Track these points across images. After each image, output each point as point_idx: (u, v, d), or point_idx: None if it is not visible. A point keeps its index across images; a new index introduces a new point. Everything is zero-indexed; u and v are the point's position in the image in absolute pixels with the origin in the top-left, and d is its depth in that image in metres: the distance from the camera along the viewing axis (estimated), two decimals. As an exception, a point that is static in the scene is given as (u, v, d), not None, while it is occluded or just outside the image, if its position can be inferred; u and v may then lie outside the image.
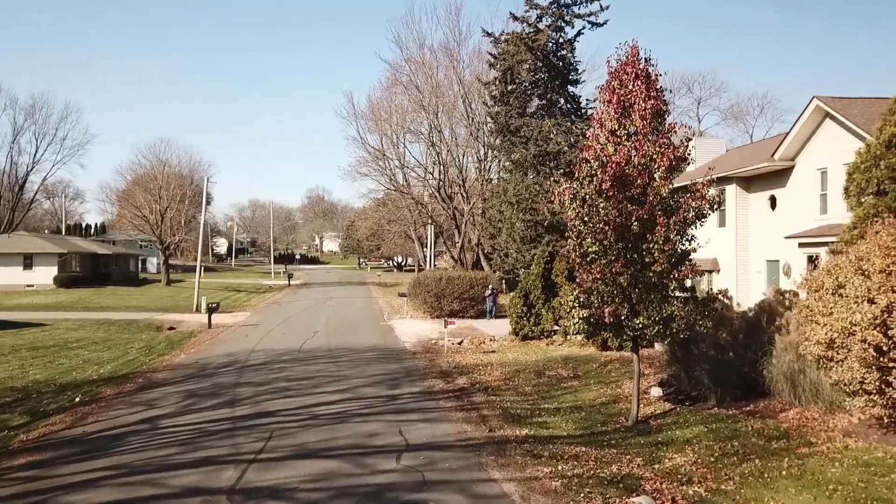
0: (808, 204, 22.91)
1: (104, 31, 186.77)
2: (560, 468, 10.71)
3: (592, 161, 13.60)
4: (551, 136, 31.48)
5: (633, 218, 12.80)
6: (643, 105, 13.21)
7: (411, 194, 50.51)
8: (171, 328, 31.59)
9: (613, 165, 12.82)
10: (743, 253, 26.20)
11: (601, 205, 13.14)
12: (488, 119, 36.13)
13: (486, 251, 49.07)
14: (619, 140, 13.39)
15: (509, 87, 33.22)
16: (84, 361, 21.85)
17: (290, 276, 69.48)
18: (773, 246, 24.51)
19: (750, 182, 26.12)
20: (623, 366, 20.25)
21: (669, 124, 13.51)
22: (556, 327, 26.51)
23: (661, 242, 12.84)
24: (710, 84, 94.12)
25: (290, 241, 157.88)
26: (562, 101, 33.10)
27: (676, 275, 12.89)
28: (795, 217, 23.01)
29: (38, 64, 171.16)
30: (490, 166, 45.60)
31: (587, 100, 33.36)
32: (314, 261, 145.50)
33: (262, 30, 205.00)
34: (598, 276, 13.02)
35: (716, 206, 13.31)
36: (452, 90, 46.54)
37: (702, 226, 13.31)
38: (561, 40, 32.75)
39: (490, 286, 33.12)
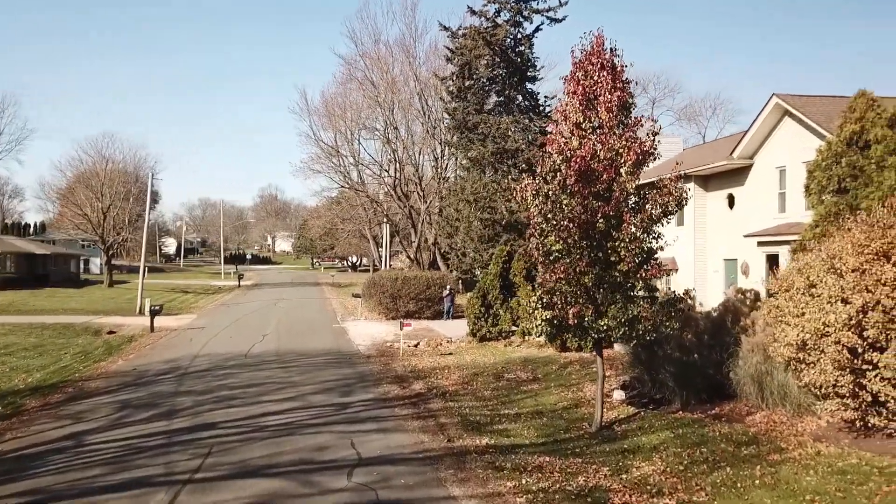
0: (766, 202, 22.83)
1: (53, 31, 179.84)
2: (524, 482, 10.00)
3: (556, 155, 12.96)
4: (509, 133, 30.91)
5: (599, 215, 12.19)
6: (609, 97, 12.63)
7: (366, 192, 49.33)
8: (110, 332, 29.90)
9: (578, 160, 12.19)
10: (701, 252, 26.07)
11: (565, 201, 12.50)
12: (445, 116, 35.38)
13: (443, 251, 48.34)
14: (584, 133, 12.77)
15: (467, 83, 32.53)
16: (11, 369, 20.26)
17: (240, 277, 67.49)
18: (731, 245, 24.41)
19: (708, 181, 26.00)
20: (583, 367, 19.74)
21: (636, 117, 12.97)
22: (514, 328, 25.93)
23: (627, 240, 12.28)
24: (665, 85, 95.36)
25: (242, 240, 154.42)
26: (520, 97, 32.59)
27: (643, 274, 12.33)
28: (754, 216, 22.90)
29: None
30: (447, 164, 44.90)
31: (545, 97, 33.01)
32: (266, 261, 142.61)
33: (212, 25, 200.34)
34: (561, 276, 12.38)
35: (683, 203, 12.81)
36: (408, 87, 45.77)
37: (668, 223, 12.80)
38: (519, 36, 32.22)
39: (448, 286, 32.37)
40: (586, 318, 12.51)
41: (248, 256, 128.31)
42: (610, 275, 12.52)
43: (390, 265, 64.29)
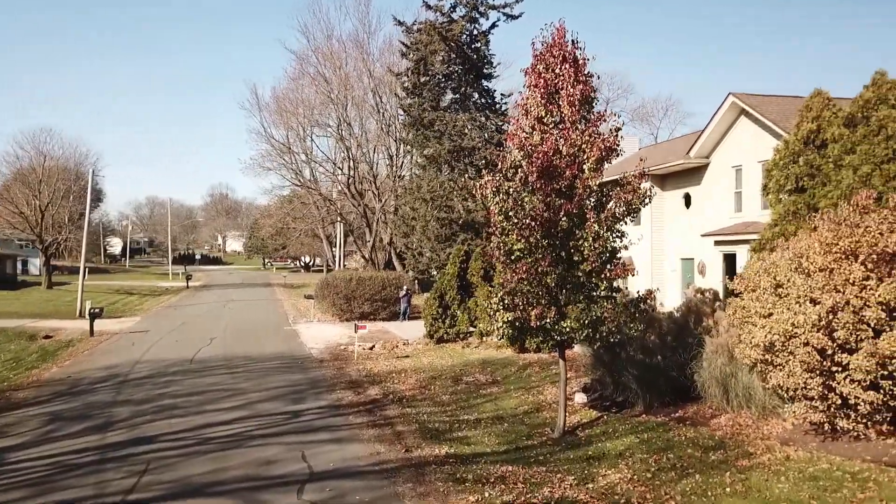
0: (723, 202, 22.84)
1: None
2: (487, 495, 9.43)
3: (517, 151, 12.46)
4: (466, 130, 30.36)
5: (562, 213, 11.72)
6: (572, 90, 12.17)
7: (319, 191, 48.00)
8: (46, 336, 28.24)
9: (540, 156, 11.71)
10: (658, 251, 26.01)
11: (527, 199, 12.01)
12: (400, 112, 34.61)
13: (398, 250, 47.60)
14: (546, 128, 12.29)
15: (422, 79, 31.85)
16: (-69, 379, 18.79)
17: (188, 278, 65.36)
18: (688, 244, 24.38)
19: (664, 180, 25.95)
20: (543, 369, 19.34)
21: (598, 113, 12.53)
22: (472, 329, 25.43)
23: (591, 239, 11.84)
24: (619, 85, 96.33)
25: (192, 240, 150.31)
26: (476, 95, 32.09)
27: (608, 274, 11.91)
28: (710, 215, 22.88)
29: None
30: (402, 162, 44.09)
31: (502, 94, 32.56)
32: (217, 261, 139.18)
33: (161, 22, 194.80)
34: (523, 276, 11.86)
35: (647, 201, 12.45)
36: (362, 83, 44.83)
37: (632, 221, 12.41)
38: (475, 32, 31.73)
39: (404, 287, 31.67)
40: (549, 320, 12.03)
41: (198, 257, 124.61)
42: (573, 275, 12.08)
43: (344, 265, 63.18)
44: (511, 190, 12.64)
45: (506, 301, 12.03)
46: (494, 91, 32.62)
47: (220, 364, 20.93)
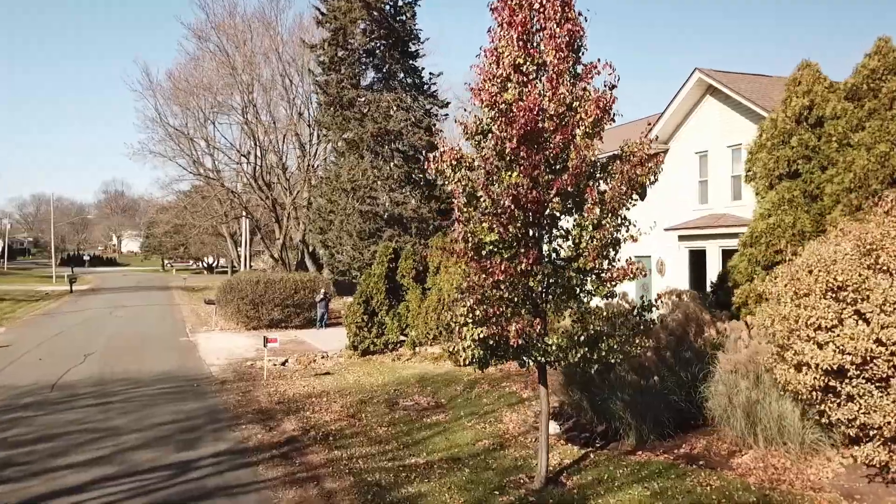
0: (685, 192, 20.59)
1: None
2: None
3: (487, 110, 9.32)
4: (391, 112, 26.98)
5: (553, 192, 8.66)
6: (558, 30, 9.18)
7: (222, 182, 42.82)
8: None
9: (524, 115, 8.60)
10: (609, 248, 23.55)
11: (505, 175, 8.89)
12: (315, 90, 30.67)
13: (311, 249, 43.55)
14: (525, 79, 9.21)
15: (340, 53, 28.16)
16: None
17: (72, 281, 58.34)
18: (644, 240, 21.97)
19: (613, 169, 23.54)
20: (493, 387, 16.33)
21: (587, 64, 9.55)
22: (402, 338, 22.16)
23: (591, 227, 8.86)
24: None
25: (83, 240, 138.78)
26: (402, 74, 28.71)
27: (610, 274, 8.97)
28: (670, 207, 20.53)
29: None
30: (316, 151, 40.10)
31: (431, 73, 29.34)
32: (111, 262, 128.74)
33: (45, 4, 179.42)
34: (500, 279, 8.72)
35: (655, 177, 9.62)
36: (270, 65, 40.52)
37: (635, 205, 9.52)
38: (400, 3, 28.38)
39: (321, 290, 27.92)
40: (533, 336, 8.97)
41: (87, 258, 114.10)
42: (563, 276, 9.06)
43: (251, 266, 58.28)
44: (479, 163, 9.54)
45: (477, 312, 8.83)
46: (422, 70, 29.41)
47: (90, 391, 16.64)
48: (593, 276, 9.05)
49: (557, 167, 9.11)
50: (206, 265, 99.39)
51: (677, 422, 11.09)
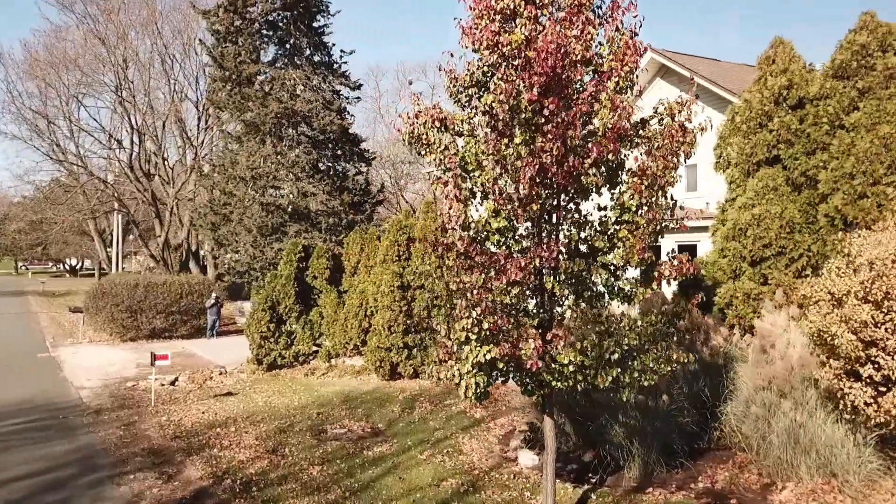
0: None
1: None
2: None
3: (486, 53, 7.00)
4: (298, 91, 23.86)
5: (592, 159, 6.47)
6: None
7: (90, 170, 36.84)
8: None
9: (545, 55, 6.35)
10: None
11: (518, 139, 6.59)
12: (209, 65, 26.75)
13: (194, 249, 39.14)
14: (539, 13, 6.98)
15: (238, 23, 24.61)
16: None
17: None
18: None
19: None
20: (436, 406, 14.07)
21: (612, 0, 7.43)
22: (315, 348, 19.32)
23: (633, 208, 6.76)
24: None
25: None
26: (309, 50, 25.59)
27: (658, 272, 6.89)
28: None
29: None
30: (204, 139, 35.71)
31: (342, 51, 26.36)
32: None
33: None
34: (517, 279, 6.42)
35: (694, 149, 7.64)
36: (150, 39, 35.70)
37: (678, 180, 7.50)
38: (305, -35, 25.26)
39: (213, 294, 24.33)
40: (549, 355, 6.75)
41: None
42: (590, 274, 6.89)
43: (123, 268, 52.44)
44: (469, 127, 7.27)
45: (484, 325, 6.45)
46: (332, 46, 26.37)
47: (-88, 432, 12.66)
48: (632, 275, 6.96)
49: (583, 131, 6.93)
50: (68, 267, 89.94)
51: (687, 448, 9.27)
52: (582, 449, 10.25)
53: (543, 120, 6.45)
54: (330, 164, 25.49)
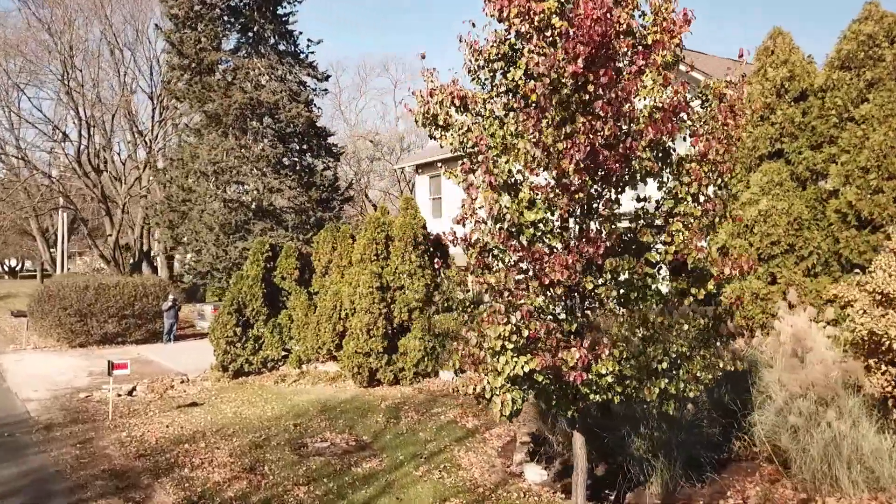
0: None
1: None
2: None
3: (515, 22, 6.17)
4: (263, 81, 22.55)
5: (647, 140, 5.69)
6: None
7: (33, 165, 34.27)
8: None
9: (589, 23, 5.54)
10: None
11: (558, 116, 5.78)
12: (167, 51, 25.06)
13: (146, 248, 37.17)
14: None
15: (197, 8, 23.11)
16: None
17: None
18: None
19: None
20: (423, 415, 13.18)
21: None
22: (285, 353, 18.17)
23: (689, 198, 6.01)
24: (408, 68, 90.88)
25: None
26: (274, 38, 24.27)
27: (723, 272, 6.16)
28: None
29: None
30: (158, 133, 33.75)
31: (310, 41, 25.05)
32: None
33: None
34: (561, 278, 5.58)
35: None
36: (99, 25, 33.65)
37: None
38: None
39: (170, 296, 22.84)
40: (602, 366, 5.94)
41: None
42: (640, 274, 6.11)
43: (68, 269, 49.80)
44: (490, 106, 6.45)
45: (523, 332, 5.59)
46: (299, 35, 25.08)
47: None
48: (695, 277, 6.20)
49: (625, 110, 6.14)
50: (7, 269, 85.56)
51: (712, 460, 8.61)
52: (594, 462, 9.49)
53: (588, 97, 5.63)
54: (297, 159, 24.25)
